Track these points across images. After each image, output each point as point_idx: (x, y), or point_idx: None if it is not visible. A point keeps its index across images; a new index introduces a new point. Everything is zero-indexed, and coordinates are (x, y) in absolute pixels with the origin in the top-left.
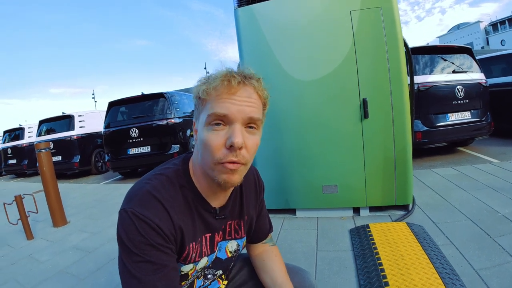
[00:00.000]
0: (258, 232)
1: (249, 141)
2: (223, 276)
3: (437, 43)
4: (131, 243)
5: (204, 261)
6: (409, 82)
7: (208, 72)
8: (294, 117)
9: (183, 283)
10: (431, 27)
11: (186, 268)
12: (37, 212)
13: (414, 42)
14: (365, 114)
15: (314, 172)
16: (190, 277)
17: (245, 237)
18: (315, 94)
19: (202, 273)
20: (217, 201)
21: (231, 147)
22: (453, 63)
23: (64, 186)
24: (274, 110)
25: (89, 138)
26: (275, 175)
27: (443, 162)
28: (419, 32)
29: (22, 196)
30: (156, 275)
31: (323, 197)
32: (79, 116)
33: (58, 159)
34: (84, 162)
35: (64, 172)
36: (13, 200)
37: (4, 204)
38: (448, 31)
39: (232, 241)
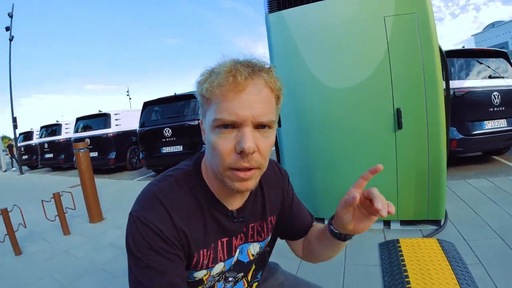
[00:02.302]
0: (299, 225)
1: (262, 143)
2: (248, 277)
3: (472, 42)
4: (136, 248)
5: (220, 267)
6: (444, 87)
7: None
8: (324, 125)
9: None
10: (466, 24)
11: (199, 274)
12: (74, 209)
13: (449, 39)
14: (398, 125)
15: (344, 182)
16: (206, 282)
17: (267, 238)
18: (346, 102)
19: (223, 276)
20: (234, 203)
21: (241, 153)
22: (489, 67)
23: (99, 181)
24: (304, 116)
25: (124, 136)
26: (303, 181)
27: (477, 172)
28: (454, 29)
29: (60, 194)
30: (159, 281)
31: None
32: (115, 114)
33: (94, 155)
34: (119, 159)
35: (99, 167)
36: (51, 198)
37: (42, 201)
38: (483, 29)
39: (255, 243)
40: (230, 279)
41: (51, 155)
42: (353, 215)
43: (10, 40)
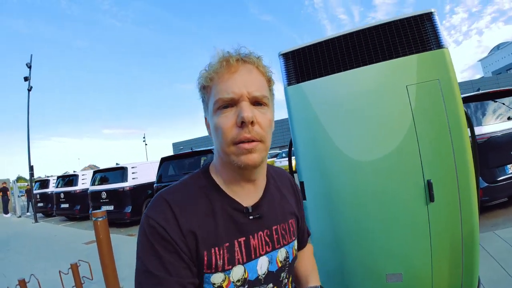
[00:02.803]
0: (298, 242)
1: (260, 117)
2: None
3: (479, 67)
4: (141, 249)
5: (239, 271)
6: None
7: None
8: (352, 199)
9: None
10: (470, 49)
11: (217, 279)
12: (92, 279)
13: (456, 67)
14: (430, 198)
15: (377, 259)
16: None
17: (293, 242)
18: (374, 174)
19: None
20: (249, 199)
21: (242, 124)
22: (504, 104)
23: (115, 238)
24: (330, 189)
25: (140, 189)
26: (334, 257)
27: (505, 218)
28: (459, 56)
29: (78, 264)
30: (158, 286)
31: (387, 286)
32: (132, 167)
33: (110, 209)
34: (135, 212)
35: (115, 221)
36: (69, 268)
37: (59, 272)
38: (489, 53)
39: (282, 249)
40: None
41: (66, 205)
42: None
43: (29, 90)
